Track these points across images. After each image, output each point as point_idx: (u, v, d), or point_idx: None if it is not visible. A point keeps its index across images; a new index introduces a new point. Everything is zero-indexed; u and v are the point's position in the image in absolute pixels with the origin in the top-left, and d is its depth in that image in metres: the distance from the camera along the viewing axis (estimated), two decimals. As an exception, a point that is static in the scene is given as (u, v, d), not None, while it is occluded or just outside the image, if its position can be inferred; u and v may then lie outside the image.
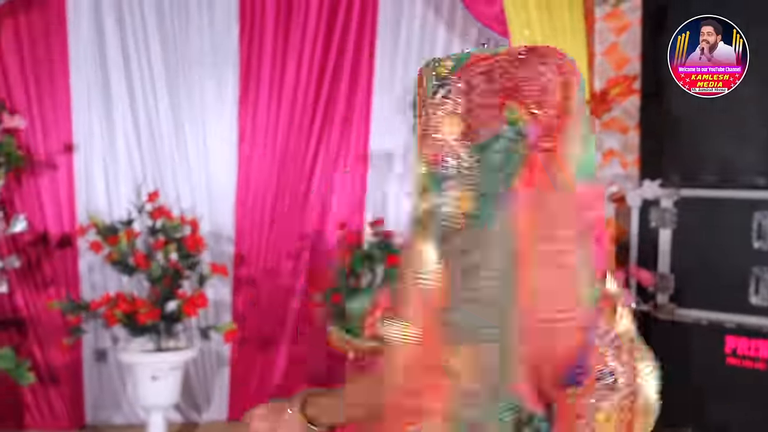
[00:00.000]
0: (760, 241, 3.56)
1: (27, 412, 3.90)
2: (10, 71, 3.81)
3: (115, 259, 3.45)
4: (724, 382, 3.63)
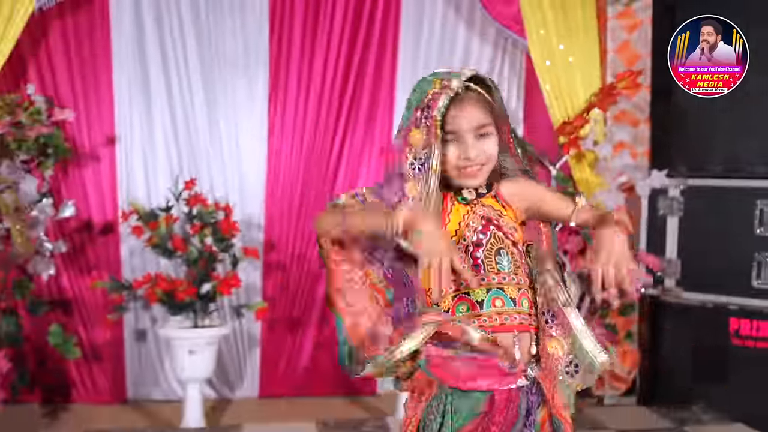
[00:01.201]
0: (762, 227, 3.76)
1: (73, 388, 4.17)
2: (58, 69, 4.09)
3: (155, 243, 3.72)
4: (728, 361, 3.83)
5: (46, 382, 4.11)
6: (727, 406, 3.78)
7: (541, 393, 1.46)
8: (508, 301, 1.45)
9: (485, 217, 1.49)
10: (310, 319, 4.34)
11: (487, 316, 1.44)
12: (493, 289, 1.45)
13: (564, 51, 4.19)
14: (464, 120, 1.47)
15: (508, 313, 1.45)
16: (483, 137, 1.48)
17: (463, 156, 1.47)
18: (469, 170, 1.48)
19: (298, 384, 4.35)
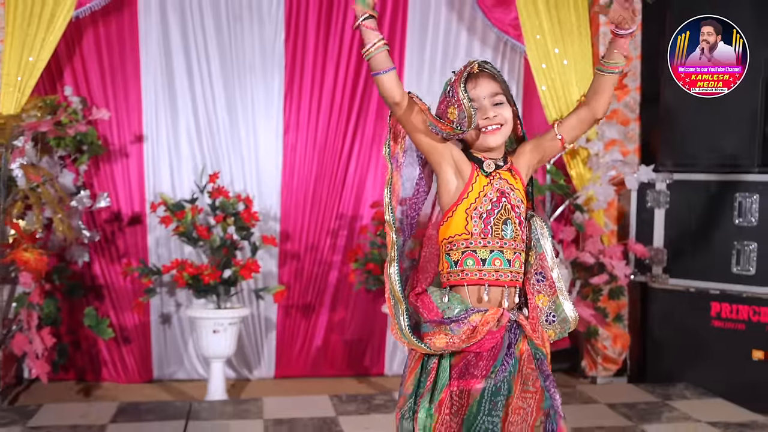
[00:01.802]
0: (740, 218, 4.05)
1: (104, 368, 4.49)
2: (91, 72, 4.42)
3: (181, 232, 4.04)
4: (710, 341, 4.13)
5: (79, 362, 4.45)
6: (709, 383, 4.07)
7: (521, 332, 1.78)
8: (505, 261, 1.77)
9: (500, 190, 1.81)
10: (322, 304, 4.66)
11: (487, 271, 1.76)
12: (495, 251, 1.77)
13: (559, 54, 4.50)
14: (481, 89, 1.81)
15: (503, 271, 1.77)
16: (497, 105, 1.82)
17: (483, 116, 1.79)
18: (489, 129, 1.80)
19: (312, 364, 4.67)
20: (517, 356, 1.75)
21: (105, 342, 4.39)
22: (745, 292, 4.02)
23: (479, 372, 1.73)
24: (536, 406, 1.77)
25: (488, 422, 1.70)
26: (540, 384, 1.76)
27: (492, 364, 1.73)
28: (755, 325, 3.98)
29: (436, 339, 1.76)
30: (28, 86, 4.03)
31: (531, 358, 1.77)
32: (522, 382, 1.75)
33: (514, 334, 1.77)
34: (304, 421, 3.51)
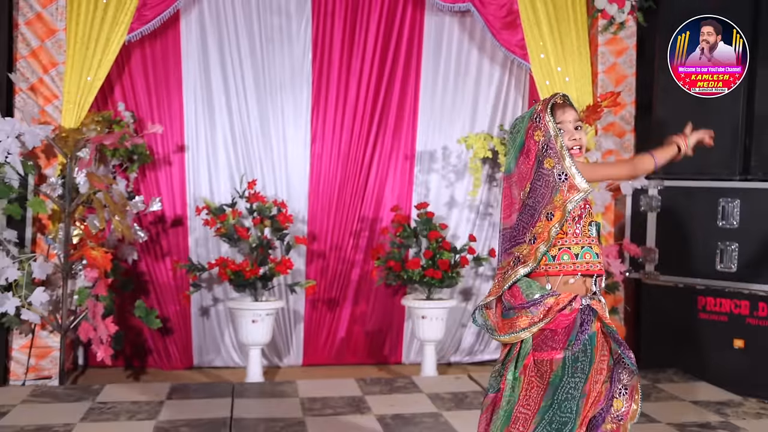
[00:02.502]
0: (723, 221, 4.51)
1: (149, 355, 4.97)
2: (138, 88, 4.91)
3: (223, 233, 4.53)
4: (696, 331, 4.58)
5: (127, 350, 4.93)
6: (696, 368, 4.52)
7: (594, 312, 2.19)
8: (594, 255, 2.23)
9: (585, 199, 2.23)
10: (346, 298, 5.13)
11: (580, 263, 2.20)
12: (585, 247, 2.22)
13: (561, 72, 4.97)
14: (566, 115, 2.27)
15: (593, 263, 2.22)
16: (578, 129, 2.27)
17: (570, 138, 2.24)
18: (573, 150, 2.24)
19: (336, 353, 5.14)
20: (593, 331, 2.16)
21: (150, 332, 4.88)
22: (728, 288, 4.47)
23: (557, 345, 2.16)
24: (607, 366, 2.19)
25: (572, 383, 2.12)
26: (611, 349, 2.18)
27: (567, 338, 2.16)
28: (736, 317, 4.43)
29: (520, 320, 2.17)
30: (87, 103, 4.51)
31: (605, 333, 2.19)
32: (600, 348, 2.18)
33: (588, 316, 2.18)
34: (335, 399, 3.98)
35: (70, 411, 3.71)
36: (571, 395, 2.11)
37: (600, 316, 2.20)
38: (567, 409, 2.10)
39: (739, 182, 4.50)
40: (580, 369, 2.13)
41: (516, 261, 2.22)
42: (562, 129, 2.23)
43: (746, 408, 3.93)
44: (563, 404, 2.10)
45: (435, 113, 5.21)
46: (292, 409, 3.80)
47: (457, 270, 4.62)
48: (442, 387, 4.25)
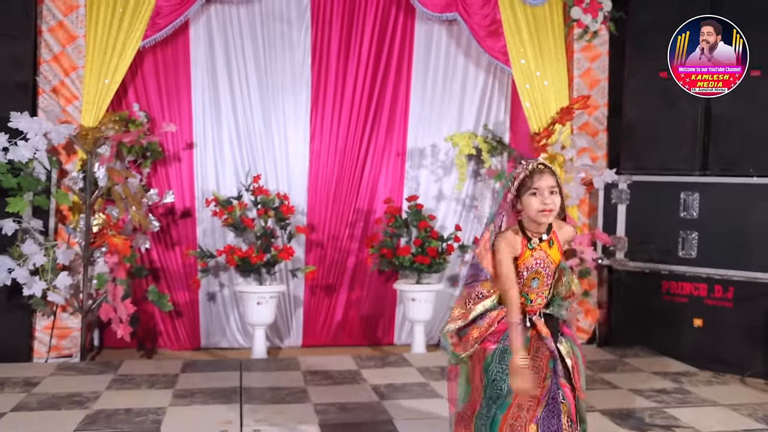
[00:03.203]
0: (684, 212, 4.96)
1: (160, 337, 5.37)
2: (150, 90, 5.31)
3: (230, 222, 4.95)
4: (661, 312, 5.04)
5: (140, 333, 5.32)
6: (659, 345, 4.98)
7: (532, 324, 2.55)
8: (528, 300, 2.56)
9: (537, 259, 2.54)
10: (342, 284, 5.55)
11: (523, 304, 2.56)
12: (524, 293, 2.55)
13: (540, 76, 5.41)
14: (543, 182, 2.52)
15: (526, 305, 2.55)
16: (553, 194, 2.55)
17: (542, 202, 2.52)
18: (544, 212, 2.53)
19: (333, 335, 5.56)
20: (527, 336, 2.55)
21: (161, 316, 5.28)
22: (688, 272, 4.93)
23: (493, 339, 2.56)
24: (545, 366, 2.55)
25: (499, 368, 2.51)
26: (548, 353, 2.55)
27: (500, 336, 2.56)
28: (696, 299, 4.90)
29: (472, 333, 2.57)
30: (104, 103, 4.91)
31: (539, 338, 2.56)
32: (534, 351, 2.55)
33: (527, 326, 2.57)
34: (333, 372, 4.41)
35: (95, 382, 4.12)
36: (499, 378, 2.51)
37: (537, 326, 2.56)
38: (497, 387, 2.51)
39: (698, 177, 4.95)
40: (507, 359, 2.51)
41: (478, 297, 2.60)
42: (537, 193, 2.50)
43: (700, 377, 4.39)
44: (493, 383, 2.52)
45: (424, 113, 5.65)
46: (295, 380, 4.23)
47: (443, 256, 5.06)
48: (430, 362, 4.69)
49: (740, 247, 4.76)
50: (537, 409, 2.49)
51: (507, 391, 2.50)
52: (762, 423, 3.60)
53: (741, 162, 4.83)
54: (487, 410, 2.53)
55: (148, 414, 3.57)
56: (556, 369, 2.54)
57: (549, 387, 2.52)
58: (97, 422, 3.45)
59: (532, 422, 2.48)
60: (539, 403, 2.49)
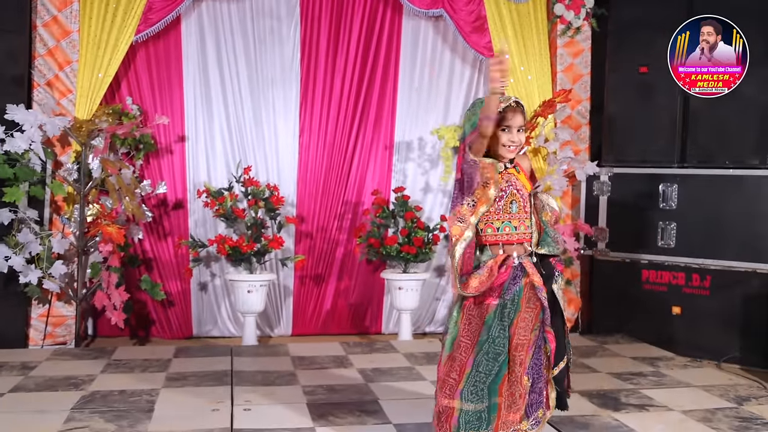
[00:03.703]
0: (663, 203, 5.12)
1: (153, 326, 5.48)
2: (143, 84, 5.41)
3: (221, 213, 5.06)
4: (641, 300, 5.19)
5: (132, 321, 5.43)
6: (639, 333, 5.13)
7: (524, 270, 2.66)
8: (512, 228, 2.67)
9: (508, 181, 2.67)
10: (331, 274, 5.68)
11: (501, 235, 2.66)
12: (505, 222, 2.68)
13: (524, 71, 5.55)
14: (514, 120, 2.66)
15: (512, 234, 2.66)
16: (520, 131, 2.70)
17: (509, 140, 2.66)
18: (511, 148, 2.68)
19: (322, 324, 5.69)
20: (521, 285, 2.65)
21: (153, 305, 5.40)
22: (667, 261, 5.08)
23: (494, 293, 2.65)
24: (535, 317, 2.66)
25: (501, 325, 2.62)
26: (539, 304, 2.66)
27: (501, 289, 2.65)
28: (674, 287, 5.05)
29: (471, 281, 2.65)
30: (98, 97, 5.03)
31: (532, 287, 2.65)
32: (526, 301, 2.66)
33: (519, 272, 2.67)
34: (322, 357, 4.54)
35: (90, 366, 4.24)
36: (501, 334, 2.63)
37: (529, 274, 2.65)
38: (500, 344, 2.63)
39: (677, 169, 5.11)
40: (507, 315, 2.64)
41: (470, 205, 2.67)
42: (507, 130, 2.64)
43: (676, 362, 4.55)
44: (496, 339, 2.63)
45: (412, 108, 5.78)
46: (284, 364, 4.36)
47: (430, 246, 5.20)
48: (416, 348, 4.83)
49: (717, 237, 4.91)
50: (526, 360, 2.63)
51: (506, 349, 2.62)
52: (732, 402, 3.76)
53: (717, 154, 4.99)
54: (487, 368, 2.61)
55: (142, 395, 3.69)
56: (545, 319, 2.65)
57: (537, 337, 2.65)
58: (93, 402, 3.56)
59: (524, 374, 2.63)
60: (527, 354, 2.63)
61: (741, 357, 4.76)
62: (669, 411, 3.59)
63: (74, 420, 3.30)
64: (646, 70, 5.22)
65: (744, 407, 3.67)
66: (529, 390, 2.64)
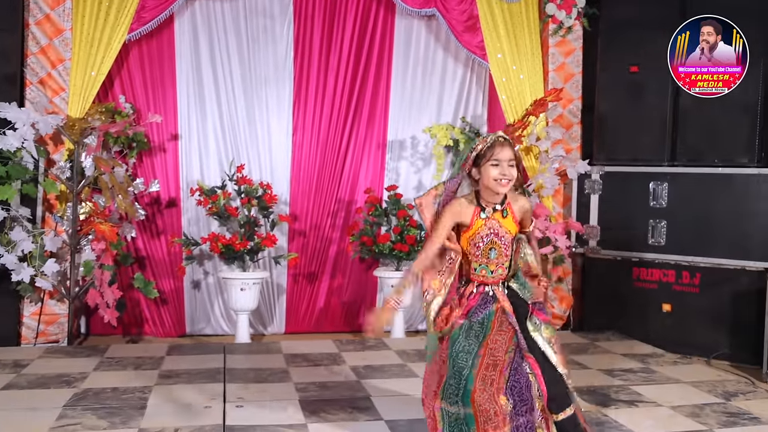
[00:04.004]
0: (654, 201, 5.15)
1: (146, 324, 5.49)
2: (136, 82, 5.42)
3: (214, 211, 5.08)
4: (632, 298, 5.23)
5: (126, 320, 5.44)
6: (630, 330, 5.17)
7: (495, 298, 2.73)
8: (489, 272, 2.74)
9: (490, 228, 2.72)
10: (324, 272, 5.70)
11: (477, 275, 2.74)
12: (483, 265, 2.74)
13: (516, 70, 5.58)
14: (503, 154, 2.68)
15: (487, 277, 2.73)
16: (511, 166, 2.70)
17: (501, 173, 2.67)
18: (502, 182, 2.68)
19: (315, 322, 5.70)
20: (492, 309, 2.72)
21: (146, 303, 5.40)
22: (657, 259, 5.12)
23: (461, 314, 2.72)
24: (509, 339, 2.69)
25: (467, 342, 2.66)
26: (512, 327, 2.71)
27: (468, 311, 2.71)
28: (665, 284, 5.09)
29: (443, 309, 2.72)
30: (90, 95, 5.03)
31: (503, 313, 2.72)
32: (498, 324, 2.70)
33: (490, 299, 2.74)
34: (314, 354, 4.56)
35: (83, 363, 4.25)
36: (465, 350, 2.66)
37: (500, 300, 2.71)
38: (462, 359, 2.65)
39: (667, 168, 5.15)
40: (474, 334, 2.68)
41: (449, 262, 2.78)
42: (498, 163, 2.64)
43: (666, 358, 4.59)
44: (459, 355, 2.66)
45: (404, 106, 5.80)
46: (277, 362, 4.38)
47: (422, 244, 5.21)
48: (408, 345, 4.86)
49: (706, 235, 4.95)
50: (500, 379, 2.57)
51: (472, 364, 2.62)
52: (720, 398, 3.80)
53: (707, 153, 5.03)
54: (456, 382, 2.62)
55: (134, 392, 3.70)
56: (520, 343, 2.66)
57: (511, 359, 2.62)
58: (85, 399, 3.58)
59: (501, 394, 2.56)
60: (501, 374, 2.58)
61: (730, 354, 4.81)
62: (658, 407, 3.62)
63: (66, 417, 3.31)
64: (636, 70, 5.25)
65: (732, 402, 3.71)
66: (512, 413, 2.57)
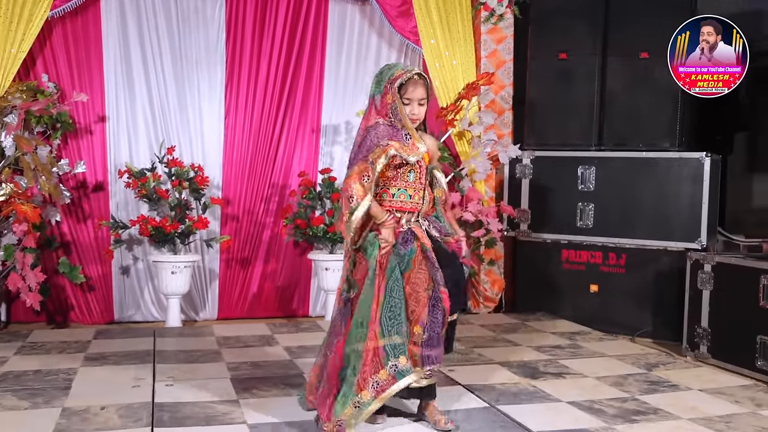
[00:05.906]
0: (582, 185, 5.30)
1: (72, 312, 5.30)
2: (60, 62, 5.23)
3: (143, 194, 4.95)
4: (562, 279, 5.36)
5: (50, 307, 5.25)
6: (560, 310, 5.31)
7: (414, 234, 2.83)
8: (407, 196, 2.82)
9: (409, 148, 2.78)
10: (257, 257, 5.63)
11: (395, 201, 2.82)
12: (401, 189, 2.81)
13: (449, 56, 5.64)
14: (415, 93, 2.79)
15: (406, 202, 2.82)
16: (422, 105, 2.82)
17: (411, 113, 2.80)
18: (413, 118, 2.80)
19: (249, 308, 5.63)
20: (413, 247, 2.81)
21: (72, 289, 5.23)
22: (585, 241, 5.27)
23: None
24: (428, 278, 2.80)
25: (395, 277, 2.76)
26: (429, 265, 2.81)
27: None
28: (592, 266, 5.24)
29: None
30: (10, 73, 4.83)
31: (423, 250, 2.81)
32: (418, 262, 2.81)
33: (410, 236, 2.83)
34: (247, 337, 4.51)
35: (1, 349, 4.08)
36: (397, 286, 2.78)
37: (419, 237, 2.82)
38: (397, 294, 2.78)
39: (594, 152, 5.30)
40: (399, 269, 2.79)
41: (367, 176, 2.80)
42: (409, 102, 2.77)
43: (592, 336, 4.73)
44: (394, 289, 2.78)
45: (339, 91, 5.79)
46: (209, 344, 4.31)
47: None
48: (342, 327, 4.84)
49: (631, 217, 5.12)
50: (421, 314, 2.78)
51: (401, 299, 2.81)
52: (643, 369, 3.94)
53: (632, 137, 5.19)
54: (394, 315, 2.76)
55: (58, 374, 3.58)
56: (437, 278, 2.80)
57: (430, 297, 2.80)
58: (4, 382, 3.44)
59: (417, 324, 2.79)
60: (422, 311, 2.78)
61: (653, 331, 4.98)
62: (584, 378, 3.73)
63: (-16, 399, 3.18)
64: (565, 57, 5.38)
65: (653, 372, 3.86)
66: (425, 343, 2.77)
